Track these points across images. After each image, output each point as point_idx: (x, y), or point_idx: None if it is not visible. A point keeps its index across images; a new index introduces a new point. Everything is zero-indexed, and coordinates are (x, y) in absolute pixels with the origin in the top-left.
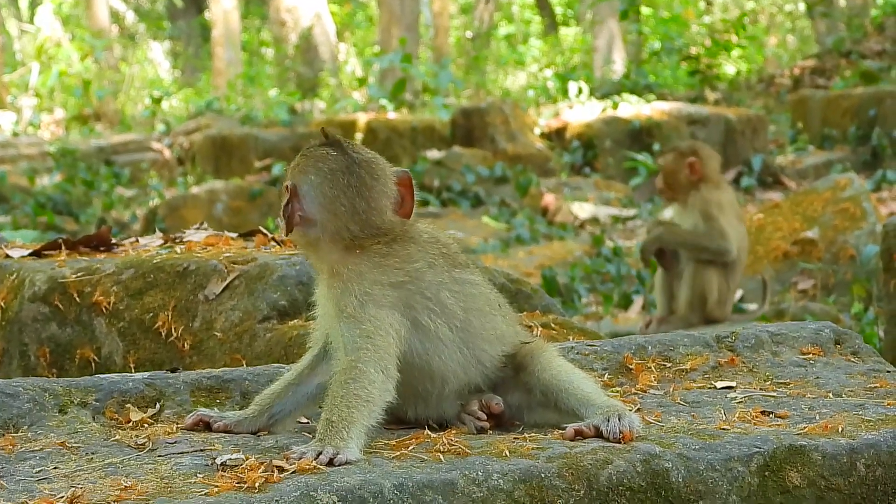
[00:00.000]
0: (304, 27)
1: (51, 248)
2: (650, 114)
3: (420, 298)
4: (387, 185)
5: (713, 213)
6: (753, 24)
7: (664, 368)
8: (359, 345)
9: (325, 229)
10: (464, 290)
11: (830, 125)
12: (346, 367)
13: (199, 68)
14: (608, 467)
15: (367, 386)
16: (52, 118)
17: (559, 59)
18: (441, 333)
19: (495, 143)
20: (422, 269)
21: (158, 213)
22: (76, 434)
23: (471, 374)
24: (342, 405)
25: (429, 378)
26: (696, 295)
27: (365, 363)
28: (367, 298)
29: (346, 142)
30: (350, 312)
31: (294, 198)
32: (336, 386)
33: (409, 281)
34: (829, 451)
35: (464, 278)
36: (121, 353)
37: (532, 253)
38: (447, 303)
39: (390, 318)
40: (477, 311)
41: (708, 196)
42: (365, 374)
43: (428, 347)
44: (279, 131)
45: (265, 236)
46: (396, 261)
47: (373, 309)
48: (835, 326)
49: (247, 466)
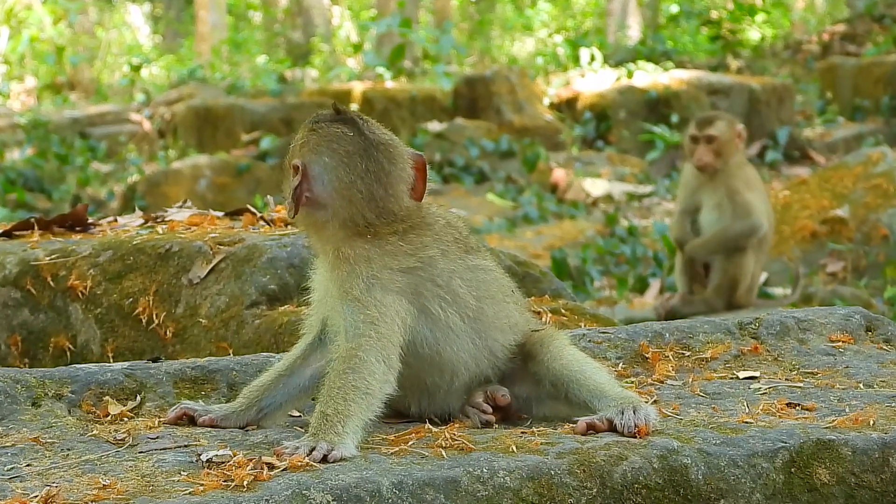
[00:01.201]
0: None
1: (22, 228)
2: (668, 83)
3: (431, 286)
4: (405, 170)
5: (739, 187)
6: None
7: (683, 357)
8: (361, 331)
9: (336, 214)
10: (476, 277)
11: (862, 95)
12: (346, 355)
13: (181, 33)
14: (623, 464)
15: (367, 377)
16: (22, 87)
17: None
18: (452, 323)
19: (501, 115)
20: (434, 256)
21: (138, 189)
22: (51, 429)
23: (482, 365)
24: (339, 397)
25: (438, 370)
26: (728, 280)
27: (366, 352)
28: (374, 282)
29: (360, 119)
30: (355, 295)
31: (304, 179)
32: (333, 375)
33: (421, 267)
34: (859, 445)
35: (476, 264)
36: (98, 342)
37: (541, 233)
38: (459, 291)
39: (397, 305)
40: (490, 300)
41: (738, 171)
42: (365, 364)
43: (438, 337)
44: (268, 102)
45: (253, 215)
46: (409, 247)
47: (379, 293)
48: (866, 312)
49: (234, 463)
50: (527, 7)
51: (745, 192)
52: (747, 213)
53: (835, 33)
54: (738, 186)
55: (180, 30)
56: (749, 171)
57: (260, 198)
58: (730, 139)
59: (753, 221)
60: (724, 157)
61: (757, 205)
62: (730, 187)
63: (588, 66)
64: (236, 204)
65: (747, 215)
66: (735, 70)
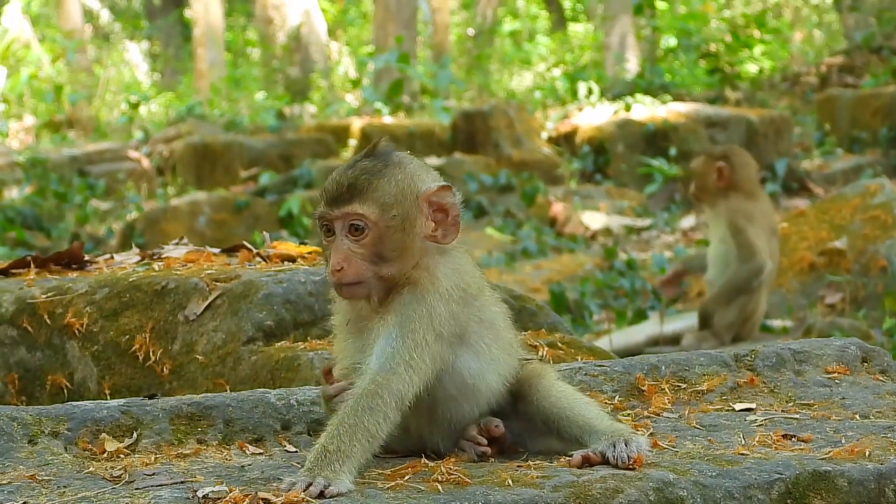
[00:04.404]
0: (293, 25)
1: (19, 266)
2: (666, 116)
3: (475, 324)
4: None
5: (741, 224)
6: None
7: (679, 390)
8: (397, 370)
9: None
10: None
11: (860, 126)
12: (370, 391)
13: (179, 70)
14: (619, 496)
15: (381, 421)
16: (21, 125)
17: (568, 58)
18: (494, 355)
19: (499, 149)
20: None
21: (136, 227)
22: (47, 466)
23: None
24: (346, 435)
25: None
26: (742, 316)
27: (391, 393)
28: (432, 323)
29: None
30: (412, 328)
31: None
32: (350, 410)
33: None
34: (855, 476)
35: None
36: (95, 379)
37: (539, 267)
38: (498, 324)
39: (439, 351)
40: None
41: (736, 206)
42: (385, 406)
43: (483, 367)
44: (266, 138)
45: (250, 251)
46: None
47: (431, 337)
48: (861, 343)
49: (230, 499)
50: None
51: (746, 230)
52: (750, 254)
53: (832, 65)
54: (738, 223)
55: (178, 67)
56: (755, 206)
57: (257, 234)
58: (704, 173)
59: (755, 263)
60: (704, 191)
61: (758, 244)
62: (731, 223)
63: (586, 100)
64: (235, 240)
65: (750, 257)
66: (733, 102)
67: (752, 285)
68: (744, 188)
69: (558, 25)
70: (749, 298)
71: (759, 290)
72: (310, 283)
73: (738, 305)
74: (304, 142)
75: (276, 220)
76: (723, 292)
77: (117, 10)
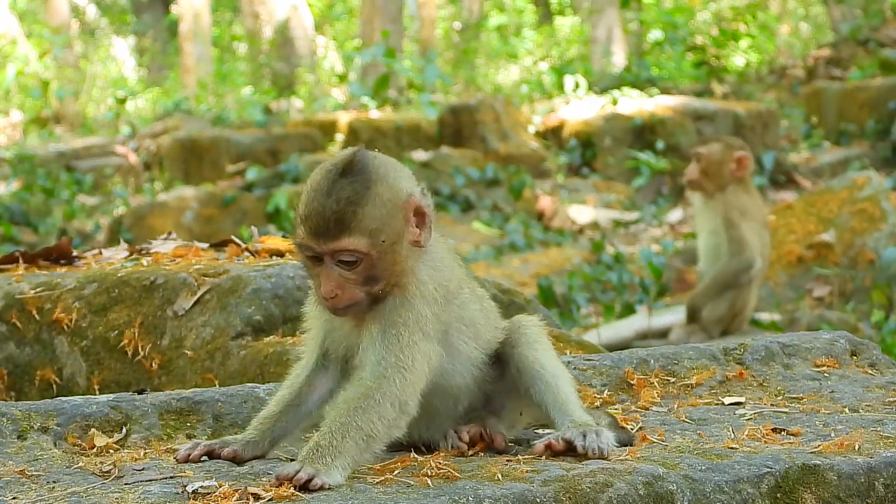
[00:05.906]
0: (280, 20)
1: (7, 262)
2: (653, 109)
3: (457, 324)
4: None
5: (734, 219)
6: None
7: (668, 384)
8: (387, 373)
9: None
10: (475, 292)
11: (847, 119)
12: (362, 393)
13: (166, 66)
14: (608, 490)
15: (375, 420)
16: (7, 121)
17: (555, 52)
18: (472, 354)
19: (486, 143)
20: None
21: (124, 222)
22: (36, 461)
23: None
24: (338, 433)
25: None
26: (732, 311)
27: (384, 395)
28: (419, 325)
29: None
30: (397, 332)
31: None
32: (342, 410)
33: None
34: (845, 470)
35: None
36: (84, 374)
37: (527, 261)
38: (477, 322)
39: (430, 350)
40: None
41: (733, 199)
42: (378, 407)
43: (458, 368)
44: (253, 133)
45: (238, 246)
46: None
47: (418, 337)
48: (850, 336)
49: (220, 494)
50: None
51: (739, 224)
52: (740, 249)
53: (819, 58)
54: (732, 217)
55: (165, 62)
56: (745, 200)
57: (245, 229)
58: (719, 161)
59: (746, 259)
60: (711, 180)
61: (750, 238)
62: (725, 216)
63: (573, 94)
64: (223, 235)
65: (740, 252)
66: (720, 96)
67: (741, 281)
68: (745, 181)
69: (545, 19)
70: (739, 294)
71: (749, 285)
72: (298, 278)
73: (727, 300)
74: (291, 136)
75: (263, 215)
76: (711, 286)
77: (104, 6)
